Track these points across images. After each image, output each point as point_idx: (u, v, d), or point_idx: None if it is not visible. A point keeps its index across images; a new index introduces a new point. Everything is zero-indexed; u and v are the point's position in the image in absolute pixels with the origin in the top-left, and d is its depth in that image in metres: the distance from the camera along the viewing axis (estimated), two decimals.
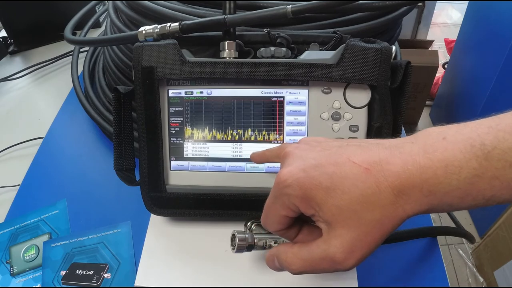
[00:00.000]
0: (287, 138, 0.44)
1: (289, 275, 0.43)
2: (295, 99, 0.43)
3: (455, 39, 1.75)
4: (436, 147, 0.27)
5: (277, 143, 0.44)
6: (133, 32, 0.47)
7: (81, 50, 0.82)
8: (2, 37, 0.99)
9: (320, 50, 0.44)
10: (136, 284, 0.43)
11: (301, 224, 0.33)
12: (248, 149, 0.44)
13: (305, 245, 0.31)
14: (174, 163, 0.45)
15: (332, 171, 0.28)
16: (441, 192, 0.26)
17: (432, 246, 0.50)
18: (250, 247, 0.40)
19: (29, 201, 0.59)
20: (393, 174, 0.27)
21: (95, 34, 0.97)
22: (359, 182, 0.27)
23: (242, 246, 0.40)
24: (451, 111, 1.70)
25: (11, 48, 0.98)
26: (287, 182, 0.29)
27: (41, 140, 0.69)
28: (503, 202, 0.27)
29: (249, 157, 0.44)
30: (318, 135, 0.43)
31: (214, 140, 0.44)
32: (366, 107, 0.43)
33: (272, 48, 0.43)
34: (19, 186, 0.61)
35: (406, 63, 0.41)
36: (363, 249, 0.28)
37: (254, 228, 0.44)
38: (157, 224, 0.47)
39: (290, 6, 0.41)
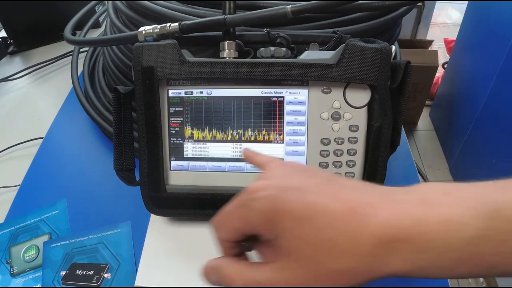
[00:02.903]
0: (287, 138, 0.44)
1: None
2: (295, 99, 0.43)
3: (455, 39, 1.75)
4: (438, 200, 0.23)
5: (277, 143, 0.44)
6: (133, 32, 0.47)
7: (81, 50, 0.82)
8: (2, 37, 0.99)
9: (320, 50, 0.44)
10: (136, 284, 0.43)
11: (252, 242, 0.29)
12: None
13: (252, 266, 0.27)
14: (174, 163, 0.45)
15: (312, 201, 0.24)
16: (435, 251, 0.22)
17: None
18: (250, 247, 0.40)
19: (29, 201, 0.59)
20: (381, 220, 0.23)
21: (95, 34, 0.97)
22: (337, 221, 0.23)
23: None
24: (451, 111, 1.70)
25: (11, 48, 0.98)
26: (257, 194, 0.26)
27: (41, 140, 0.69)
28: (508, 273, 0.23)
29: None
30: (318, 135, 0.43)
31: (214, 140, 0.44)
32: (366, 107, 0.43)
33: (272, 48, 0.43)
34: (19, 186, 0.61)
35: (406, 63, 0.41)
36: None
37: None
38: (157, 224, 0.47)
39: (290, 6, 0.41)
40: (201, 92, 0.44)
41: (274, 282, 0.25)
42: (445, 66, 1.91)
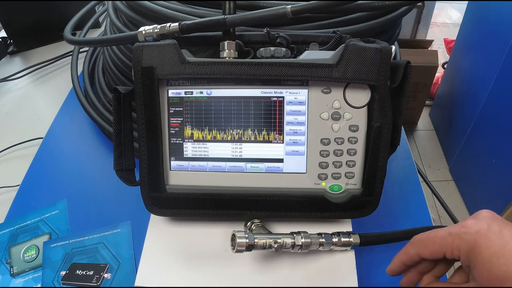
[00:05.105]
0: (287, 138, 0.44)
1: (288, 276, 0.43)
2: (295, 99, 0.43)
3: (455, 39, 1.75)
4: None
5: (277, 143, 0.44)
6: (132, 32, 0.47)
7: (81, 50, 0.82)
8: (2, 37, 0.99)
9: (319, 50, 0.44)
10: (136, 284, 0.43)
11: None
12: (248, 149, 0.44)
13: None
14: (174, 163, 0.45)
15: (507, 242, 0.31)
16: None
17: None
18: (250, 247, 0.40)
19: (29, 201, 0.59)
20: None
21: (95, 34, 0.97)
22: None
23: (242, 246, 0.40)
24: (451, 110, 1.70)
25: (10, 49, 0.98)
26: (468, 229, 0.33)
27: (41, 140, 0.69)
28: None
29: (249, 157, 0.44)
30: (318, 135, 0.43)
31: (214, 140, 0.44)
32: (366, 107, 0.43)
33: (272, 48, 0.43)
34: (19, 186, 0.61)
35: (406, 63, 0.41)
36: None
37: (254, 228, 0.44)
38: (157, 224, 0.47)
39: (290, 6, 0.41)
40: (201, 92, 0.44)
41: None
42: (445, 66, 1.91)
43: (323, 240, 0.42)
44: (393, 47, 0.42)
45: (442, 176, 1.69)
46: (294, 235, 0.42)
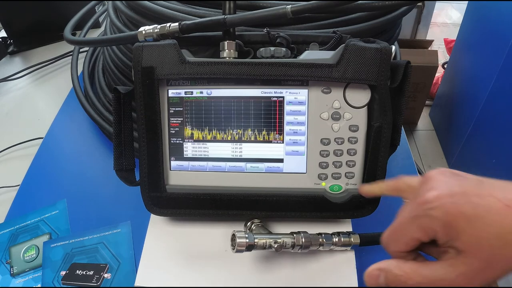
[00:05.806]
0: (287, 138, 0.44)
1: (288, 276, 0.43)
2: (295, 99, 0.43)
3: (455, 39, 1.75)
4: None
5: (277, 143, 0.44)
6: (132, 32, 0.47)
7: (81, 50, 0.82)
8: (2, 37, 0.99)
9: (320, 50, 0.44)
10: (136, 284, 0.43)
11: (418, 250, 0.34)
12: (248, 149, 0.44)
13: (425, 264, 0.31)
14: (174, 163, 0.45)
15: (477, 202, 0.28)
16: None
17: None
18: (250, 247, 0.40)
19: (29, 201, 0.59)
20: None
21: (95, 34, 0.97)
22: (500, 218, 0.28)
23: (242, 246, 0.40)
24: (451, 111, 1.70)
25: (10, 49, 0.98)
26: (432, 204, 0.29)
27: (41, 140, 0.69)
28: None
29: (249, 156, 0.44)
30: (318, 135, 0.43)
31: (214, 140, 0.44)
32: (366, 107, 0.43)
33: (272, 48, 0.43)
34: (19, 186, 0.61)
35: (406, 63, 0.41)
36: (483, 280, 0.29)
37: (254, 228, 0.44)
38: (157, 224, 0.47)
39: (290, 6, 0.41)
40: (201, 92, 0.44)
41: (449, 276, 0.29)
42: (445, 66, 1.90)
43: (323, 240, 0.42)
44: (393, 47, 0.42)
45: None
46: (294, 235, 0.42)
